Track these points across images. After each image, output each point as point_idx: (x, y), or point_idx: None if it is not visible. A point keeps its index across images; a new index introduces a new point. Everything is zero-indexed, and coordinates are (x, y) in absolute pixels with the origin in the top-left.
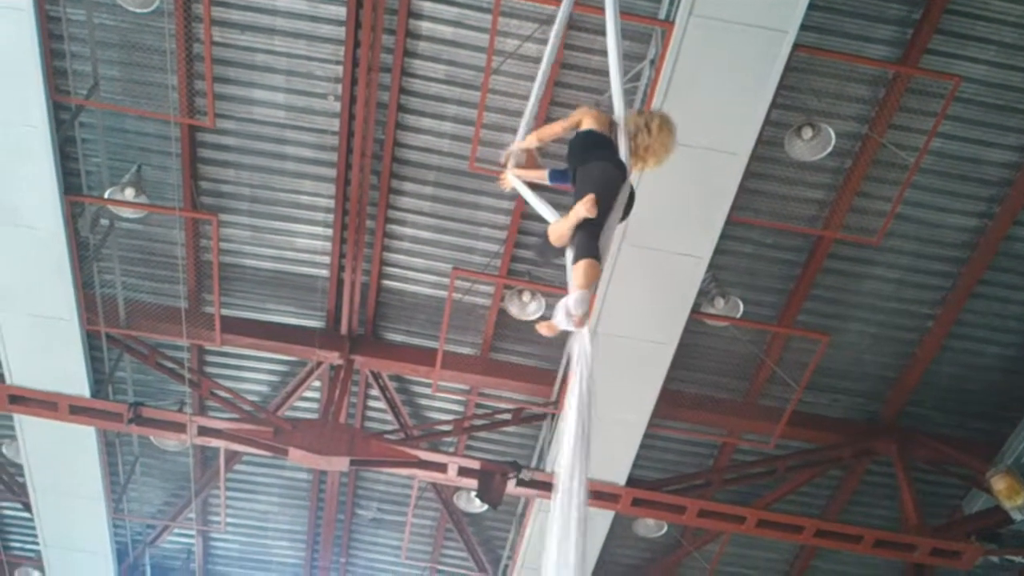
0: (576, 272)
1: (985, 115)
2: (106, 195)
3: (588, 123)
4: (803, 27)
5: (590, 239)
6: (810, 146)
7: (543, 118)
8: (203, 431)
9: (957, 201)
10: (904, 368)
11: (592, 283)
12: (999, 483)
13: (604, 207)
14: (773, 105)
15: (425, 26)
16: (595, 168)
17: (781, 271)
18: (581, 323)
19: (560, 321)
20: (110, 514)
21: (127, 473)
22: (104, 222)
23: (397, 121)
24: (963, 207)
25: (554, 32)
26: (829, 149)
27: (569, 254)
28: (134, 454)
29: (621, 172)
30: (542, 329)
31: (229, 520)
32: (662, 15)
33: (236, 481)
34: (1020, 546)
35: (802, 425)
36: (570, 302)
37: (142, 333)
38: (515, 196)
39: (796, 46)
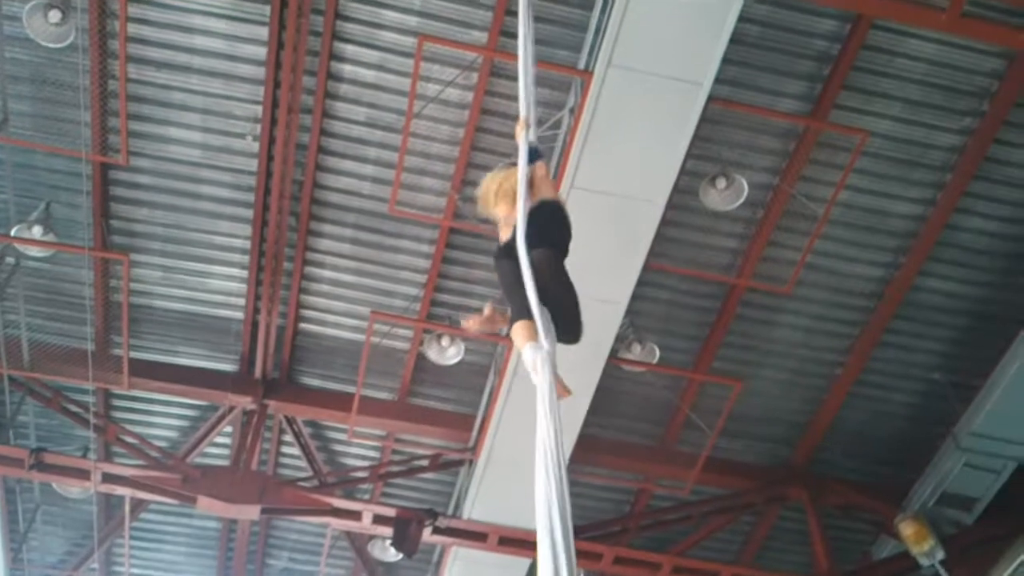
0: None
1: (891, 168)
2: (13, 233)
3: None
4: (717, 80)
5: (519, 306)
6: (724, 196)
7: (464, 162)
8: (108, 478)
9: (864, 251)
10: (814, 414)
11: (524, 340)
12: (907, 529)
13: (511, 293)
14: (689, 155)
15: (347, 69)
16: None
17: (696, 318)
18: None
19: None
20: (8, 564)
21: (27, 521)
22: (10, 260)
23: (317, 163)
24: (870, 257)
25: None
26: (742, 199)
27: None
28: (35, 501)
29: (509, 254)
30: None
31: (134, 570)
32: (581, 65)
33: (142, 530)
34: None
35: (716, 471)
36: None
37: (46, 376)
38: (435, 240)
39: (710, 98)
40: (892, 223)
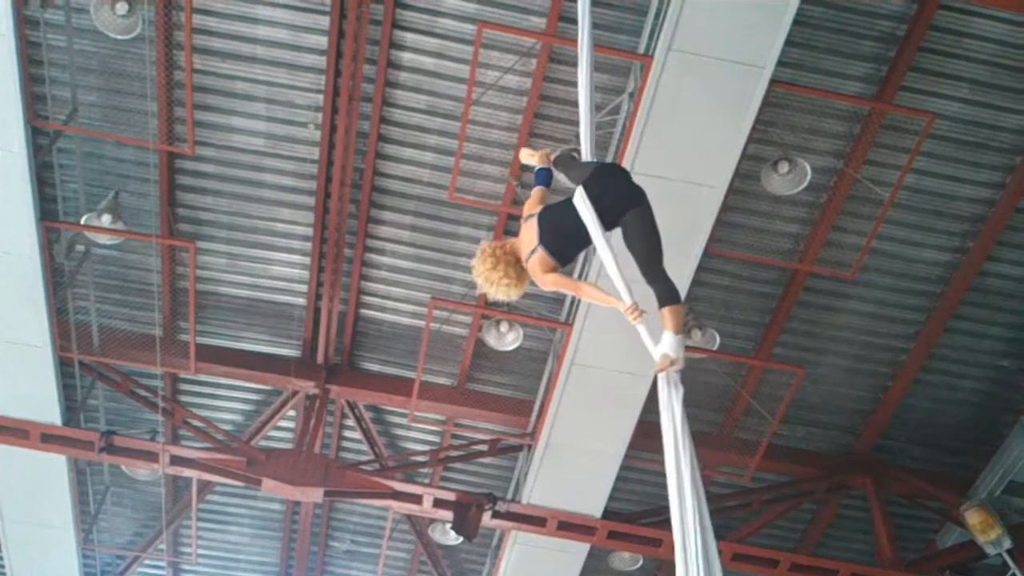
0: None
1: (958, 152)
2: (83, 221)
3: (529, 208)
4: (780, 63)
5: (659, 279)
6: (786, 180)
7: (523, 144)
8: (176, 460)
9: (931, 236)
10: (878, 402)
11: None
12: (973, 517)
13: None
14: (750, 139)
15: (407, 57)
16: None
17: (757, 304)
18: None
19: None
20: (80, 544)
21: (98, 503)
22: (80, 248)
23: (377, 150)
24: (937, 242)
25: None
26: (805, 183)
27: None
28: (105, 483)
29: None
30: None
31: (200, 551)
32: (641, 49)
33: (208, 512)
34: None
35: (777, 458)
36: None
37: (116, 360)
38: (493, 227)
39: (773, 81)
40: (960, 207)
